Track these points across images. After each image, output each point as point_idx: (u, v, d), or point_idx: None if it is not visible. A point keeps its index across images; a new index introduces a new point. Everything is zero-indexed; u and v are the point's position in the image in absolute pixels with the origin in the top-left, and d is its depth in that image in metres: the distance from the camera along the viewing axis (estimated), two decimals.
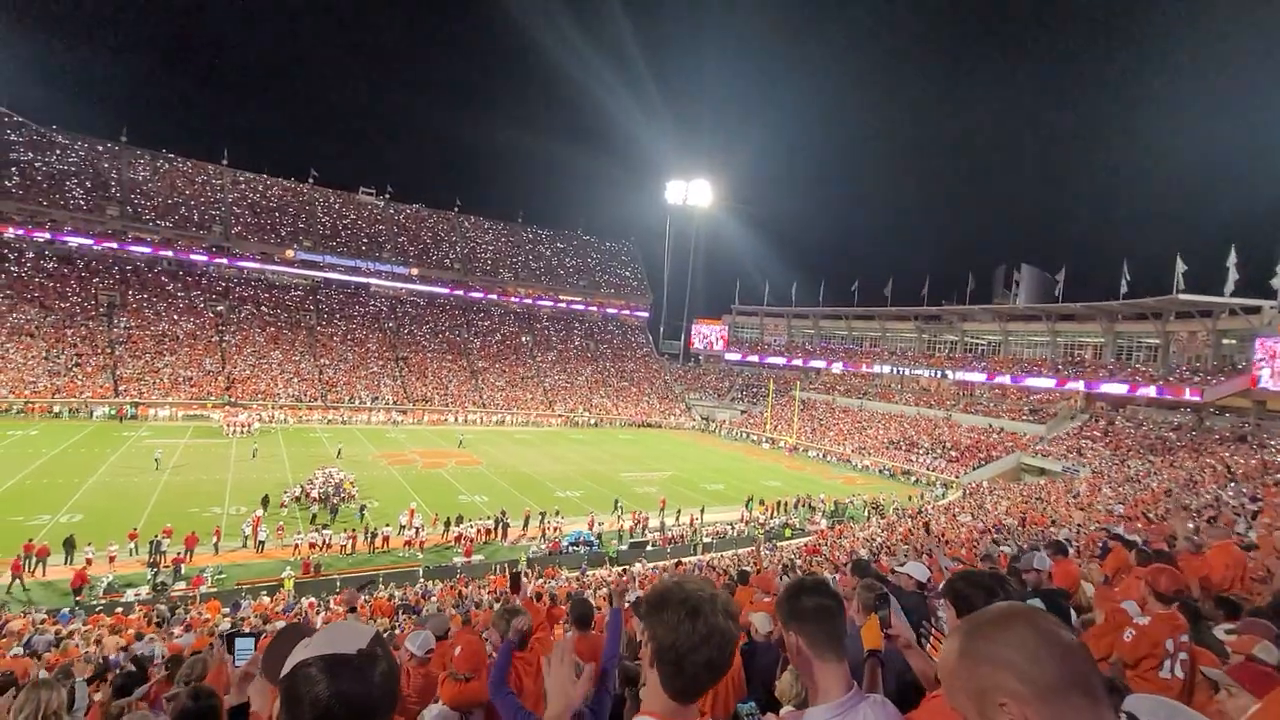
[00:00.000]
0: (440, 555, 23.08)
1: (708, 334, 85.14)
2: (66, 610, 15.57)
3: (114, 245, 59.72)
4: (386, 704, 1.08)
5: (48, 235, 56.85)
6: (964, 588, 2.40)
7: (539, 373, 70.44)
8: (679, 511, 30.13)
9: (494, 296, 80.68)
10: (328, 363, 59.11)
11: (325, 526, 23.55)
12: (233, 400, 48.81)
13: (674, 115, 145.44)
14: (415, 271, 76.30)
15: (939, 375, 60.07)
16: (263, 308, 63.04)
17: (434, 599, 16.41)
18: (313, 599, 17.08)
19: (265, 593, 17.89)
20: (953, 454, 46.87)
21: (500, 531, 25.43)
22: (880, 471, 47.18)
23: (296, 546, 22.09)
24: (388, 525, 23.99)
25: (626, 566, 22.15)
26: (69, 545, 19.19)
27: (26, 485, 26.46)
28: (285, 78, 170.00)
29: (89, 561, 18.77)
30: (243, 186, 72.59)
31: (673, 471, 42.22)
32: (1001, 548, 11.88)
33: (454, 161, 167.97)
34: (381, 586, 18.67)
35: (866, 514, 33.25)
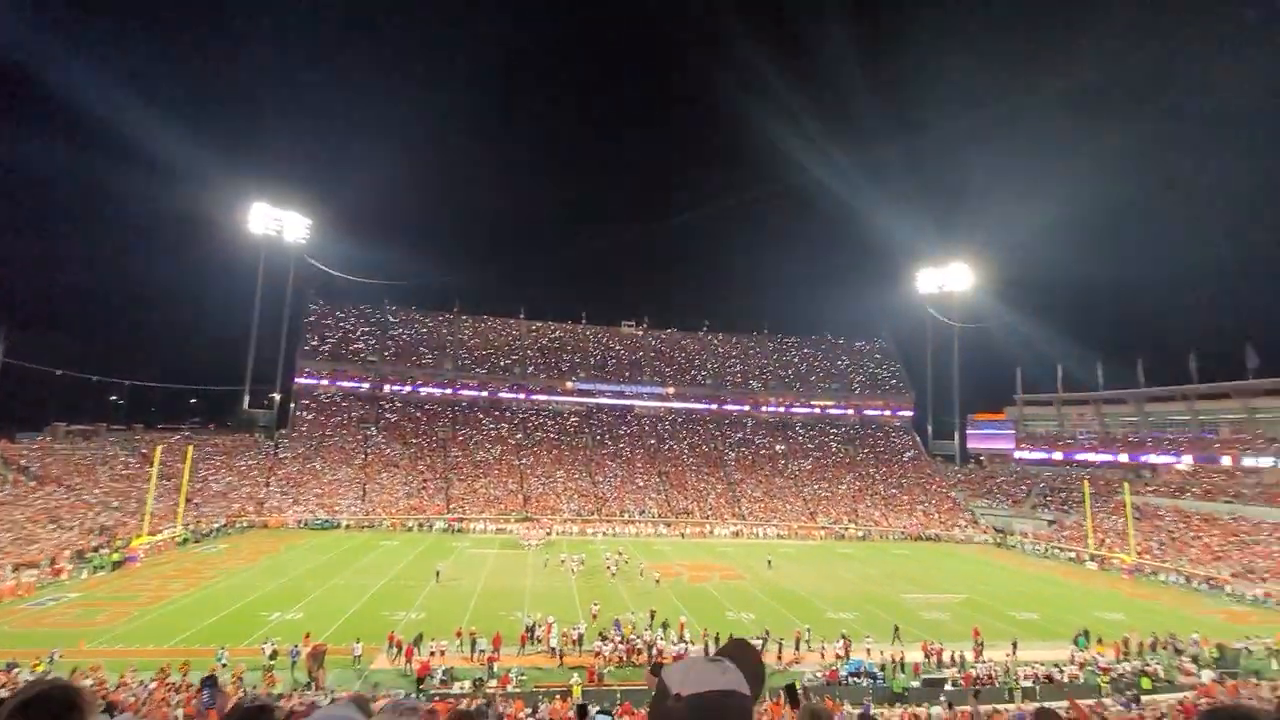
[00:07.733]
0: None
1: (990, 431, 74.67)
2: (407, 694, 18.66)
3: (450, 391, 76.10)
4: None
5: (409, 388, 74.99)
6: None
7: (797, 482, 68.09)
8: (980, 645, 25.34)
9: (746, 407, 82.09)
10: (601, 479, 65.13)
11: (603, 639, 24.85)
12: (528, 515, 56.15)
13: (925, 205, 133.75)
14: (672, 391, 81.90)
15: None
16: (550, 433, 73.24)
17: None
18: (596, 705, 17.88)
19: (559, 696, 19.27)
20: None
21: (776, 654, 24.07)
22: None
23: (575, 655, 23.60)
24: (661, 639, 24.41)
25: (921, 707, 19.02)
26: (418, 641, 23.24)
27: (390, 586, 33.25)
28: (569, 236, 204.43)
29: (432, 654, 22.42)
30: (534, 333, 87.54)
31: (966, 595, 36.17)
32: None
33: (703, 285, 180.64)
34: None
35: (1274, 663, 24.08)
